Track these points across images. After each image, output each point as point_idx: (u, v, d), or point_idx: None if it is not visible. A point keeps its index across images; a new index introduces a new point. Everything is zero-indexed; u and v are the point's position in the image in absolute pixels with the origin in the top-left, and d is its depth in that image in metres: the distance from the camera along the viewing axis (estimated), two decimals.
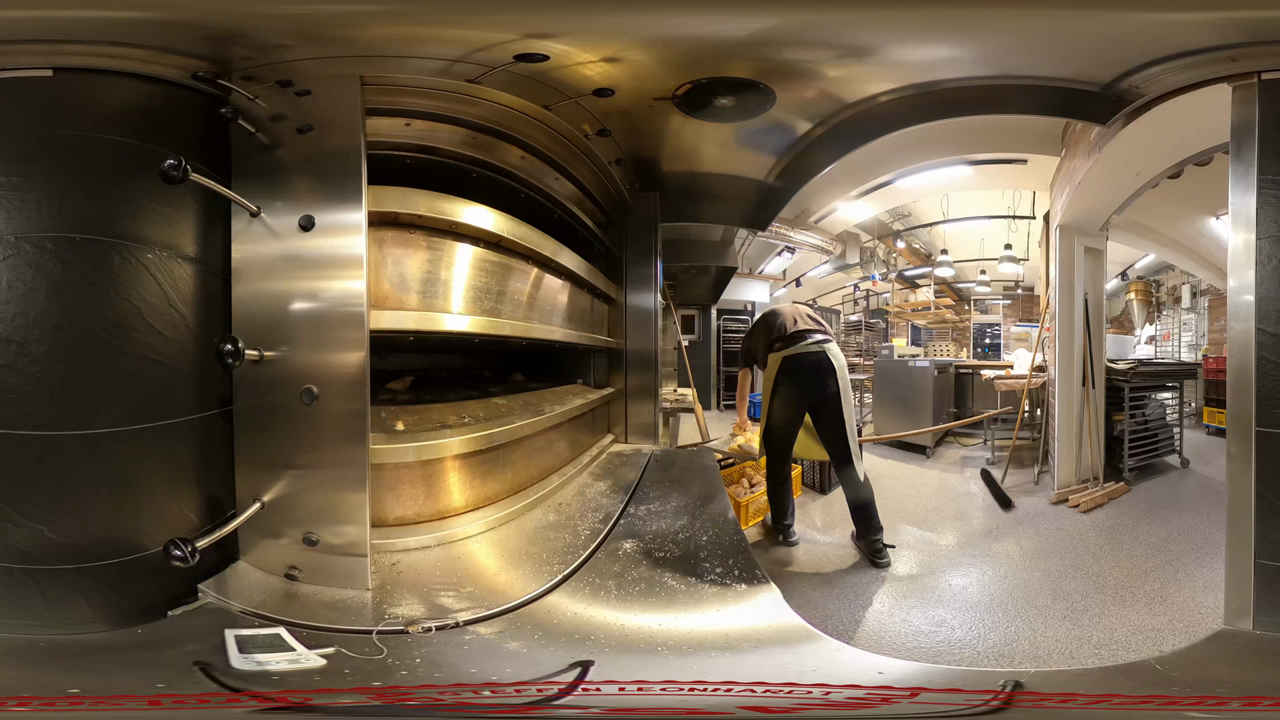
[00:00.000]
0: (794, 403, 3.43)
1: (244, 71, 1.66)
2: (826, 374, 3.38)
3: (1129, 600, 2.88)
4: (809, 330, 3.47)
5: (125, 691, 1.24)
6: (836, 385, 3.39)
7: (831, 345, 3.44)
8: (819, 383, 3.38)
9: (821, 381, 3.38)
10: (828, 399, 3.39)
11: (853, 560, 3.39)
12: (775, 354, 3.46)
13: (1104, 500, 4.34)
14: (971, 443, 6.46)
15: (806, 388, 3.40)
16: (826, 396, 3.39)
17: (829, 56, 1.97)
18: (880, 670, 1.45)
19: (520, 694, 1.29)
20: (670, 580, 1.83)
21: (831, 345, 3.44)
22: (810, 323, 3.54)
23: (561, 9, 1.68)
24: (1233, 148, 1.75)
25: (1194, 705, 1.29)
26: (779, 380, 3.43)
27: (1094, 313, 4.72)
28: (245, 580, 1.69)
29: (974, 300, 10.65)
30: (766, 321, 3.66)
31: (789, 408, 3.45)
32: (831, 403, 3.39)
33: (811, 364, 3.38)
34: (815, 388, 3.39)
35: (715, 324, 9.15)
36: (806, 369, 3.39)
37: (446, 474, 2.11)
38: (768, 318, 3.68)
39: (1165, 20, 1.63)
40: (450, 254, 2.17)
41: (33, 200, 1.46)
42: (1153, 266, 9.27)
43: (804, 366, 3.39)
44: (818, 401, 3.41)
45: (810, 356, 3.39)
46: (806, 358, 3.39)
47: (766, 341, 3.55)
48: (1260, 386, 1.69)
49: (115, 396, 1.50)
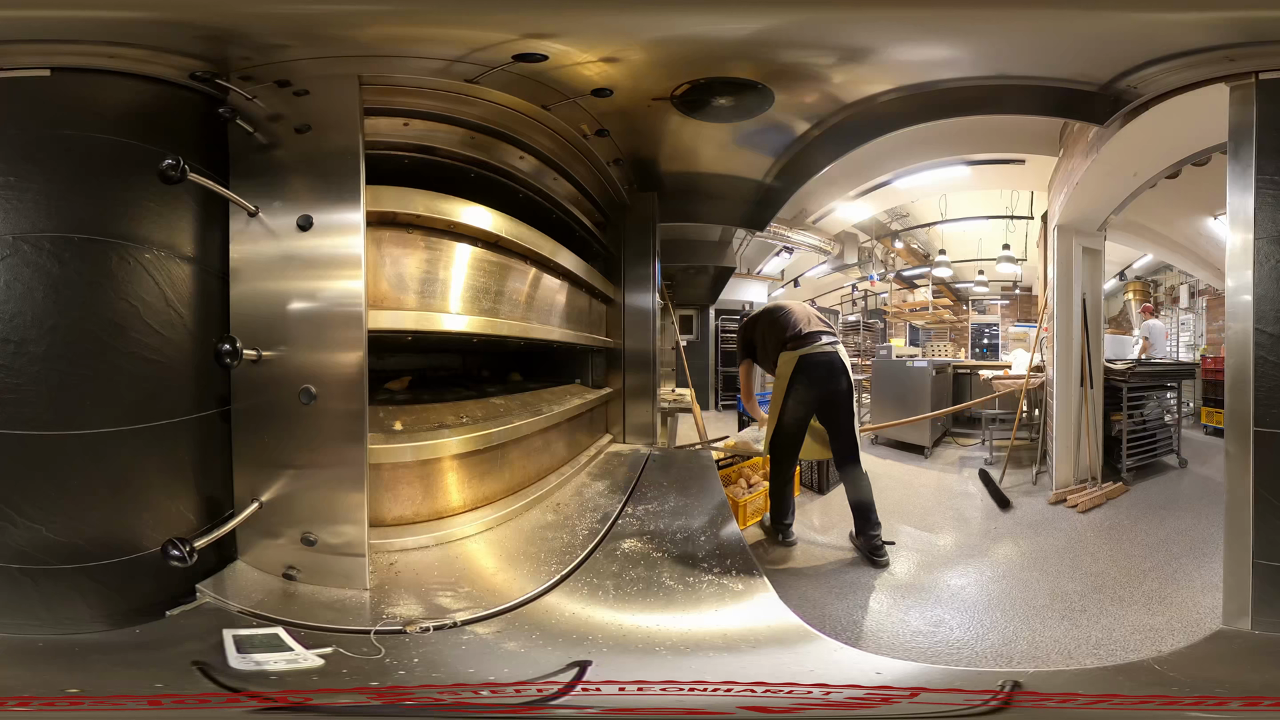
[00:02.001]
0: (807, 402, 3.46)
1: (242, 71, 1.66)
2: (839, 374, 3.45)
3: (1127, 600, 2.88)
4: (822, 331, 3.52)
5: (124, 691, 1.24)
6: (848, 384, 3.46)
7: (841, 346, 3.51)
8: (832, 382, 3.44)
9: (835, 381, 3.45)
10: (838, 398, 3.45)
11: (851, 560, 3.39)
12: (790, 353, 3.46)
13: (1102, 500, 4.35)
14: (970, 443, 6.47)
15: (820, 388, 3.44)
16: (837, 395, 3.45)
17: (827, 57, 1.97)
18: (879, 670, 1.45)
19: (520, 694, 1.29)
20: (668, 580, 1.83)
21: (841, 346, 3.51)
22: (821, 324, 3.58)
23: (560, 9, 1.68)
24: (1230, 148, 1.76)
25: (1194, 705, 1.29)
26: (794, 380, 3.44)
27: (1092, 313, 4.73)
28: (243, 580, 1.68)
29: (972, 300, 10.66)
30: (776, 319, 3.63)
31: (803, 406, 3.47)
32: (842, 401, 3.45)
33: (825, 364, 3.43)
34: (828, 387, 3.44)
35: (713, 324, 9.13)
36: (821, 369, 3.43)
37: (444, 474, 2.11)
38: (776, 314, 3.65)
39: (1163, 20, 1.63)
40: (448, 254, 2.17)
41: (30, 200, 1.46)
42: (1151, 266, 9.28)
43: (819, 367, 3.43)
44: (828, 400, 3.46)
45: (824, 357, 3.44)
46: (820, 358, 3.43)
47: (778, 339, 3.54)
48: (1258, 386, 1.69)
49: (113, 396, 1.50)
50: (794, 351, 3.45)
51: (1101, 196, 4.17)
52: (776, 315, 3.65)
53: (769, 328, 3.64)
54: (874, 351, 9.81)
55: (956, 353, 10.46)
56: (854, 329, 11.09)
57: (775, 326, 3.60)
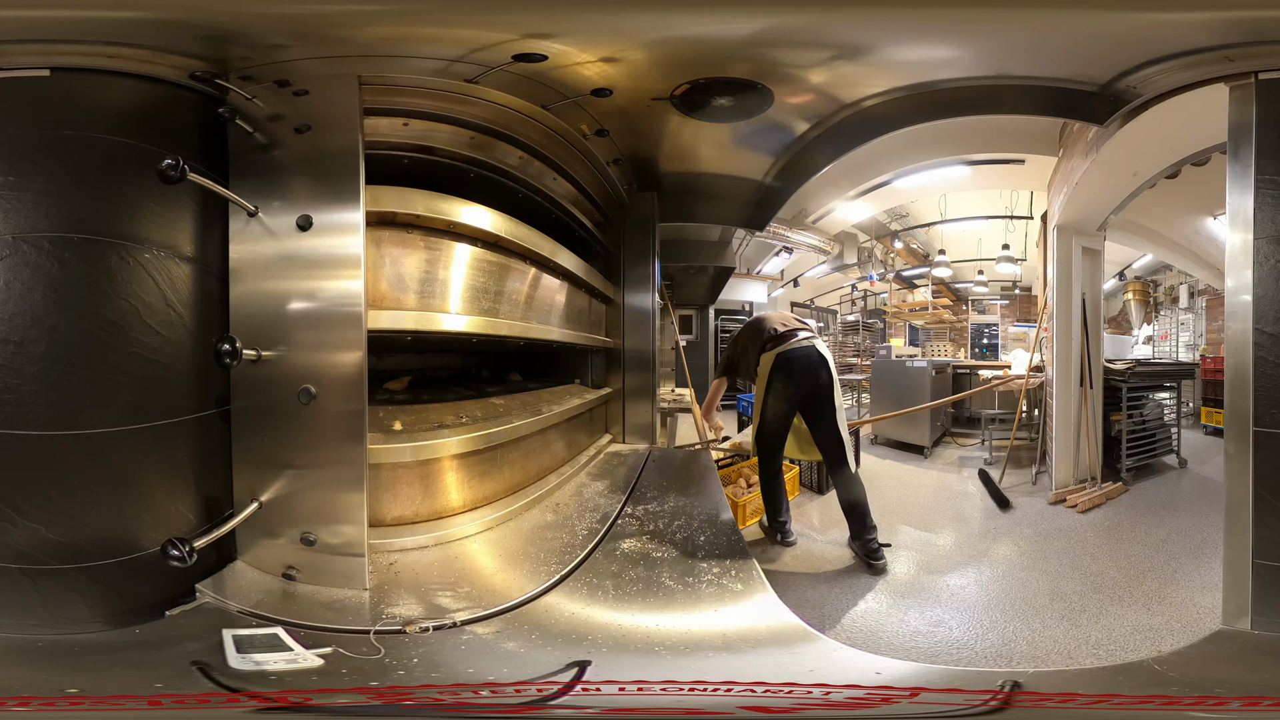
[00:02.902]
0: (788, 396, 3.48)
1: (241, 71, 1.66)
2: (818, 366, 3.47)
3: (1127, 600, 2.89)
4: (796, 329, 3.56)
5: (124, 691, 1.24)
6: (829, 377, 3.48)
7: (819, 340, 3.55)
8: (812, 375, 3.46)
9: (814, 374, 3.46)
10: (820, 390, 3.46)
11: (850, 560, 3.39)
12: (768, 353, 3.50)
13: (1102, 500, 4.35)
14: (969, 443, 6.47)
15: (800, 381, 3.46)
16: (819, 389, 3.46)
17: (827, 57, 1.97)
18: (878, 670, 1.45)
19: (520, 694, 1.29)
20: (667, 580, 1.83)
21: (819, 340, 3.55)
22: (796, 323, 3.63)
23: (560, 9, 1.68)
24: (1230, 148, 1.76)
25: (1194, 705, 1.29)
26: (773, 376, 3.47)
27: (1091, 313, 4.73)
28: (243, 580, 1.68)
29: (971, 300, 10.67)
30: (754, 329, 3.69)
31: (783, 401, 3.49)
32: (824, 394, 3.46)
33: (802, 357, 3.46)
34: (808, 381, 3.46)
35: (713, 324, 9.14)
36: (799, 362, 3.45)
37: (444, 474, 2.11)
38: (755, 324, 3.72)
39: (1162, 20, 1.63)
40: (448, 254, 2.17)
41: (30, 200, 1.46)
42: (1150, 266, 9.29)
43: (797, 360, 3.45)
44: (810, 394, 3.47)
45: (800, 350, 3.47)
46: (797, 352, 3.46)
47: (758, 345, 3.58)
48: (1258, 386, 1.69)
49: (113, 396, 1.50)
50: (772, 351, 3.49)
51: (1101, 196, 4.18)
52: (755, 325, 3.72)
53: (749, 338, 3.68)
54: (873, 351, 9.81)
55: (956, 353, 10.47)
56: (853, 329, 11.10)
57: (754, 335, 3.65)
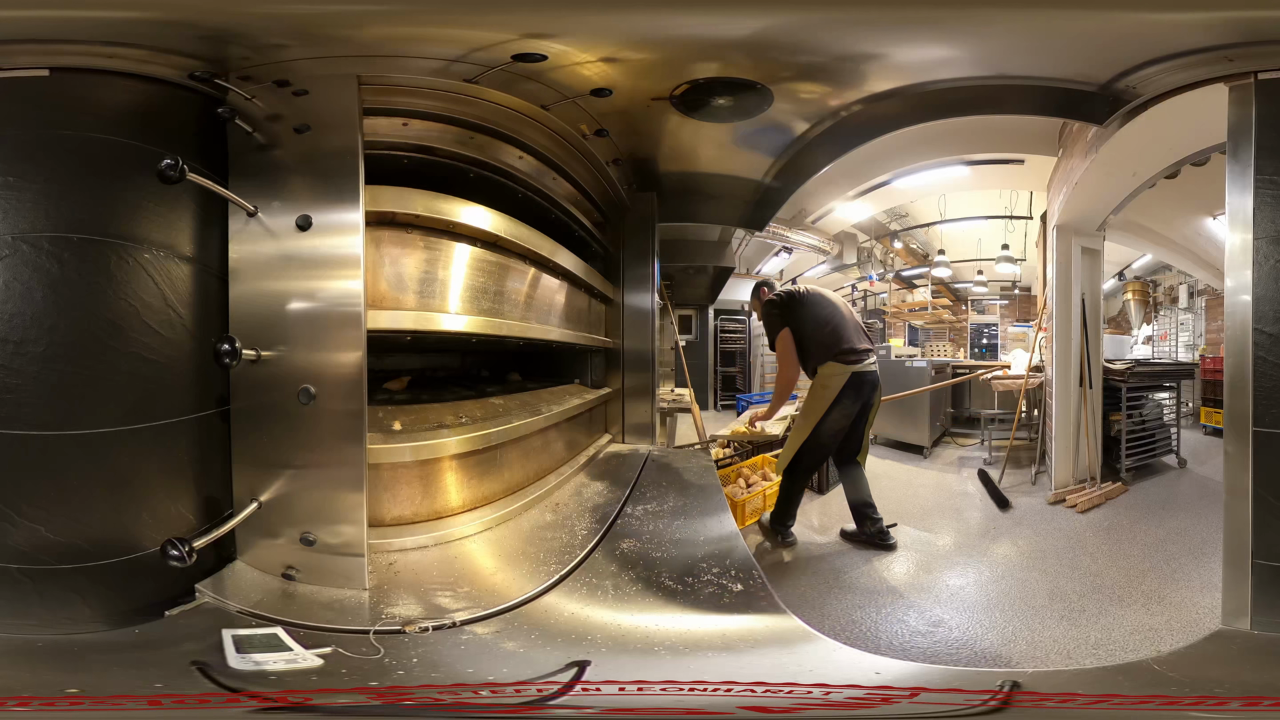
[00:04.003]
0: (850, 414, 3.51)
1: (241, 71, 1.66)
2: (877, 388, 3.59)
3: (1126, 600, 2.89)
4: (870, 349, 3.59)
5: (123, 691, 1.24)
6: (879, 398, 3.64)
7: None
8: (872, 397, 3.57)
9: (874, 395, 3.58)
10: (868, 410, 3.58)
11: (849, 560, 3.40)
12: (842, 366, 3.43)
13: (1101, 500, 4.35)
14: (969, 443, 6.48)
15: (865, 402, 3.54)
16: (868, 408, 3.58)
17: (826, 57, 1.97)
18: (878, 670, 1.45)
19: (519, 694, 1.29)
20: (667, 580, 1.83)
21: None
22: (868, 340, 3.65)
23: (559, 9, 1.68)
24: (1230, 148, 1.76)
25: (1194, 705, 1.29)
26: (844, 394, 3.44)
27: (1091, 313, 4.73)
28: (242, 580, 1.68)
29: (971, 300, 10.66)
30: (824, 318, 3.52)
31: (845, 419, 3.51)
32: (869, 411, 3.59)
33: (872, 384, 3.55)
34: (870, 400, 3.57)
35: (712, 324, 9.16)
36: (869, 386, 3.53)
37: (443, 474, 2.11)
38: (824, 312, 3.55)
39: (1162, 20, 1.63)
40: (447, 254, 2.16)
41: (30, 200, 1.46)
42: (1150, 266, 9.29)
43: (868, 386, 3.53)
44: (861, 412, 3.56)
45: (872, 377, 3.54)
46: (870, 378, 3.53)
47: (825, 345, 3.48)
48: (1257, 386, 1.69)
49: (112, 396, 1.50)
50: (848, 367, 3.44)
51: (1100, 196, 4.18)
52: (825, 314, 3.54)
53: (815, 326, 3.51)
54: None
55: (955, 353, 10.47)
56: None
57: (823, 329, 3.50)
